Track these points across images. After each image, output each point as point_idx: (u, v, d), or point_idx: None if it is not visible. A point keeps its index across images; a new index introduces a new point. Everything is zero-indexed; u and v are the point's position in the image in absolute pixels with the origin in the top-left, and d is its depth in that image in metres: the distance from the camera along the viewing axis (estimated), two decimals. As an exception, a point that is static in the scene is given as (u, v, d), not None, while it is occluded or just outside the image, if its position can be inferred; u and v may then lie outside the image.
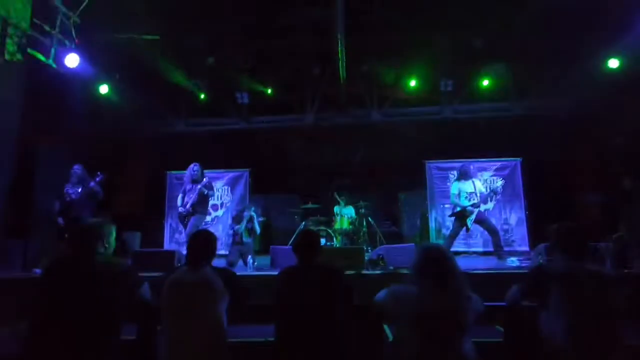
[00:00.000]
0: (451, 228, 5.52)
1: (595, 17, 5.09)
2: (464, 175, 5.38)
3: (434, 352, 1.81)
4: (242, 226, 5.37)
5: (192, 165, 5.15)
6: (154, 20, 5.32)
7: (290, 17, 5.77)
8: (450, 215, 5.56)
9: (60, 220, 4.83)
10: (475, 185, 5.34)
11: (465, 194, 5.25)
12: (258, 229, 5.52)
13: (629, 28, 5.22)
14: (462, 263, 5.10)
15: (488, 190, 5.74)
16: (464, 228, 5.26)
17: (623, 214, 5.71)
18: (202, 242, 2.25)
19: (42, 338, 1.89)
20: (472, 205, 5.17)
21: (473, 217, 5.16)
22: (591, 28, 5.23)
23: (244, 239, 5.36)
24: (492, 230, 5.25)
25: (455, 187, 5.36)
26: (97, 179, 4.94)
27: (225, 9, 5.55)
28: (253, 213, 5.53)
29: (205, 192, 5.00)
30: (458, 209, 5.27)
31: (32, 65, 4.67)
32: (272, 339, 2.24)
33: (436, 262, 1.93)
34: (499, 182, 5.50)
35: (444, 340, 1.82)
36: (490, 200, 6.92)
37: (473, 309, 1.90)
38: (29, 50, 4.45)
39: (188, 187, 5.10)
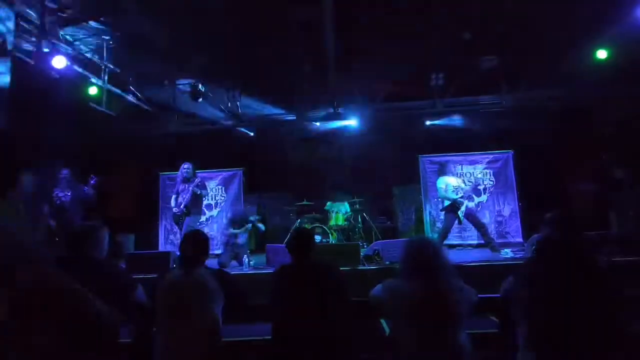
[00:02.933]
0: (444, 222, 5.58)
1: (583, 7, 5.12)
2: (444, 170, 5.61)
3: (429, 345, 1.83)
4: (243, 231, 5.28)
5: (183, 165, 5.15)
6: (144, 19, 5.24)
7: (281, 16, 5.72)
8: (441, 210, 5.65)
9: (51, 223, 4.79)
10: (457, 180, 5.55)
11: (452, 188, 5.36)
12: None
13: (617, 18, 5.26)
14: (457, 256, 5.18)
15: (469, 185, 5.88)
16: (457, 220, 5.33)
17: (614, 203, 5.79)
18: (195, 243, 2.25)
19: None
20: (460, 198, 5.30)
21: (463, 208, 5.27)
22: (580, 18, 5.27)
23: (240, 242, 5.31)
24: (478, 225, 5.38)
25: (441, 181, 5.47)
26: (92, 182, 4.90)
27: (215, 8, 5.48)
28: (255, 219, 5.47)
29: (198, 192, 5.00)
30: (447, 202, 5.38)
31: (18, 67, 4.59)
32: (268, 337, 2.24)
33: (421, 256, 1.95)
34: (479, 175, 5.70)
35: (438, 332, 1.84)
36: (484, 193, 6.99)
37: (466, 300, 1.92)
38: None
39: (181, 187, 5.09)
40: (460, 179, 5.76)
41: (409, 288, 1.90)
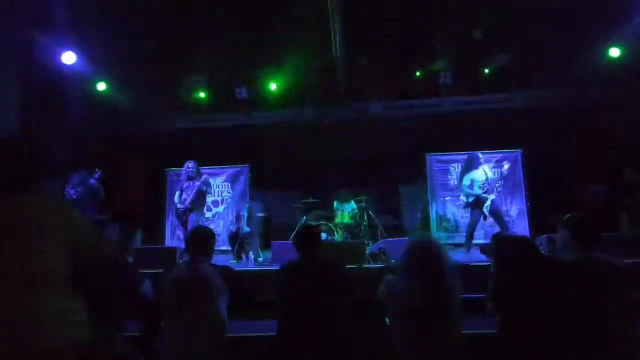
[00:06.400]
0: (469, 219, 5.50)
1: (595, 5, 5.04)
2: (472, 165, 5.35)
3: (425, 342, 1.84)
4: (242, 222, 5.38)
5: (187, 163, 5.20)
6: (152, 15, 5.27)
7: (288, 10, 5.71)
8: (465, 207, 5.53)
9: None
10: (486, 172, 5.33)
11: (478, 183, 5.22)
12: (244, 226, 5.46)
13: (630, 16, 5.18)
14: (463, 256, 5.14)
15: (496, 175, 5.56)
16: (482, 217, 5.26)
17: (624, 204, 5.71)
18: (201, 239, 2.26)
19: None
20: (485, 193, 5.19)
21: (488, 203, 5.16)
22: (592, 17, 5.19)
23: (243, 230, 5.35)
24: (502, 223, 5.25)
25: (467, 178, 5.33)
26: (96, 175, 4.96)
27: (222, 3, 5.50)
28: (245, 212, 5.51)
29: (204, 189, 5.05)
30: (471, 198, 5.25)
31: (28, 63, 4.64)
32: (274, 333, 2.24)
33: (426, 258, 1.94)
34: (506, 166, 5.36)
35: (436, 331, 1.86)
36: (497, 189, 6.85)
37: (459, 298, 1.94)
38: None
39: (185, 184, 5.14)
40: (490, 171, 5.47)
41: (409, 289, 1.90)
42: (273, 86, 7.26)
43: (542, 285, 1.95)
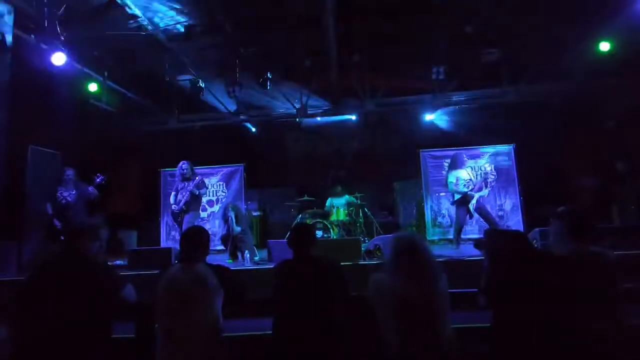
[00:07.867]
0: (456, 217, 5.60)
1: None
2: (456, 164, 5.50)
3: (415, 338, 1.85)
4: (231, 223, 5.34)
5: (181, 164, 5.15)
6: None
7: (281, 8, 5.68)
8: (452, 204, 5.63)
9: (56, 222, 4.79)
10: (469, 173, 5.51)
11: (463, 182, 5.34)
12: (234, 227, 5.33)
13: (620, 10, 5.21)
14: (457, 251, 5.17)
15: (479, 177, 5.78)
16: (469, 214, 5.36)
17: (616, 196, 5.77)
18: (195, 238, 2.25)
19: (26, 340, 1.87)
20: (471, 191, 5.31)
21: (474, 202, 5.28)
22: (582, 11, 5.21)
23: (234, 231, 5.28)
24: (488, 219, 5.35)
25: (452, 175, 5.43)
26: (98, 180, 4.89)
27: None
28: (231, 212, 5.40)
29: (197, 192, 5.01)
30: (457, 196, 5.35)
31: (18, 64, 4.58)
32: (269, 332, 2.25)
33: (409, 253, 1.95)
34: (489, 168, 5.60)
35: (424, 327, 1.87)
36: (486, 187, 6.94)
37: (447, 293, 1.94)
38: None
39: (180, 185, 5.10)
40: (473, 172, 5.68)
41: (395, 285, 1.91)
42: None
43: (536, 279, 1.96)
